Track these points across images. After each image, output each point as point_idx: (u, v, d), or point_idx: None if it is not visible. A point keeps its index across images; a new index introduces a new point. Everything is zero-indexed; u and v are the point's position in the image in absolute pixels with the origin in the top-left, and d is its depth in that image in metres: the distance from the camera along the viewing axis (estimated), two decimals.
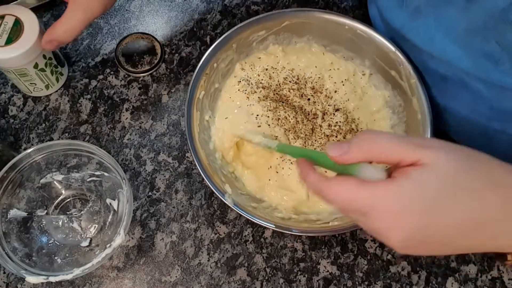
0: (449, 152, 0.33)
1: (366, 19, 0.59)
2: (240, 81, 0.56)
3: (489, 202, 0.32)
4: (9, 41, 0.51)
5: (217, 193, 0.48)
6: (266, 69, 0.58)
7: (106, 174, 0.53)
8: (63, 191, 0.55)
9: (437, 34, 0.47)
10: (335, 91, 0.57)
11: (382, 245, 0.55)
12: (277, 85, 0.57)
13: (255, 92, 0.56)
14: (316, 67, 0.58)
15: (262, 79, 0.57)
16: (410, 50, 0.52)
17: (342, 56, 0.58)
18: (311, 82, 0.57)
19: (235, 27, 0.54)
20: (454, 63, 0.47)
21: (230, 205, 0.48)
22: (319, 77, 0.58)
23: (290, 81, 0.57)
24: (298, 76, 0.58)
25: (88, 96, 0.61)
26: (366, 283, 0.53)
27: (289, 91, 0.56)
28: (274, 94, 0.56)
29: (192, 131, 0.51)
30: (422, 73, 0.52)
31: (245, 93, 0.56)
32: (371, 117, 0.57)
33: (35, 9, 0.64)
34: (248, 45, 0.56)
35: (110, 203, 0.54)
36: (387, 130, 0.56)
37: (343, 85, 0.57)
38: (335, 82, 0.57)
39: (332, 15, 0.55)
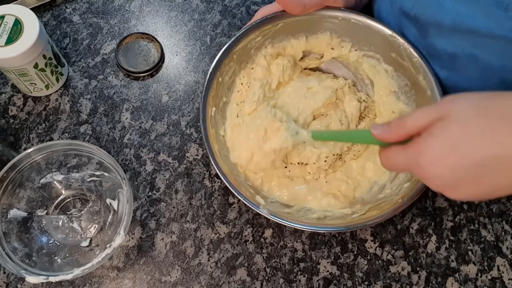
0: (463, 101, 0.37)
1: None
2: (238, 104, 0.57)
3: (507, 137, 0.35)
4: (9, 41, 0.51)
5: (251, 206, 0.47)
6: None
7: (106, 174, 0.53)
8: (63, 191, 0.55)
9: (446, 0, 0.49)
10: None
11: (382, 245, 0.55)
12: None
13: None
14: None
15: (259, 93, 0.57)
16: (420, 33, 0.53)
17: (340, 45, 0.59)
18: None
19: (234, 37, 0.54)
20: (467, 23, 0.47)
21: (267, 216, 0.47)
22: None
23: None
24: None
25: (88, 96, 0.61)
26: (366, 283, 0.53)
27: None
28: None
29: (213, 149, 0.50)
30: (431, 58, 0.53)
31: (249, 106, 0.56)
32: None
33: (35, 9, 0.64)
34: (247, 53, 0.56)
35: (110, 203, 0.54)
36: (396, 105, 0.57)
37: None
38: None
39: (325, 10, 0.55)
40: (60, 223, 0.53)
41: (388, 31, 0.54)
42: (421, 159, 0.38)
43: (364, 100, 0.58)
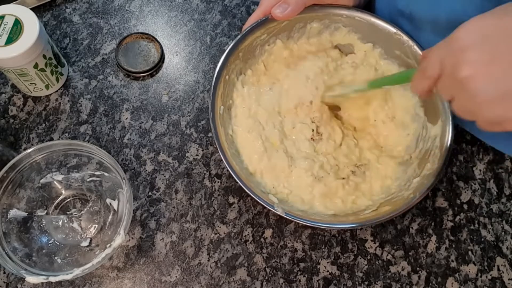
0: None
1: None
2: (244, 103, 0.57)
3: None
4: (9, 41, 0.51)
5: (265, 205, 0.47)
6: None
7: (106, 174, 0.53)
8: (63, 191, 0.55)
9: None
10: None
11: (382, 245, 0.55)
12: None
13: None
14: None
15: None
16: (415, 32, 0.54)
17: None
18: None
19: (240, 35, 0.54)
20: (461, 19, 0.47)
21: (282, 214, 0.47)
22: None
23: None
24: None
25: (88, 96, 0.61)
26: (366, 283, 0.53)
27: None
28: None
29: (224, 148, 0.50)
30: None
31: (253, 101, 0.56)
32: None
33: (35, 9, 0.64)
34: (252, 50, 0.56)
35: (110, 203, 0.54)
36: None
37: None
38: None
39: (330, 8, 0.55)
40: (60, 223, 0.53)
41: (393, 29, 0.54)
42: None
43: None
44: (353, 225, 0.49)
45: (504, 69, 0.34)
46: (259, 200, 0.47)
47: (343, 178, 0.53)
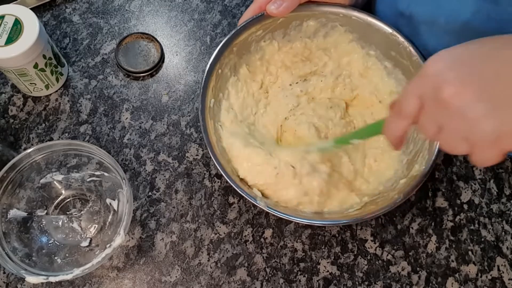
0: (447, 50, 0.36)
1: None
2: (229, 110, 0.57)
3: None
4: (9, 41, 0.51)
5: (248, 198, 0.47)
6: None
7: (106, 174, 0.53)
8: (63, 191, 0.55)
9: None
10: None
11: (382, 245, 0.55)
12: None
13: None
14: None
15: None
16: (413, 34, 0.53)
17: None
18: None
19: (235, 30, 0.54)
20: (460, 19, 0.48)
21: (264, 208, 0.47)
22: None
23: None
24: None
25: (88, 96, 0.61)
26: (366, 283, 0.53)
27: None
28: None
29: (211, 140, 0.50)
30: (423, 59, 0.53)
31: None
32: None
33: (35, 9, 0.64)
34: (247, 46, 0.56)
35: (110, 203, 0.54)
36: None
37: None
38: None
39: (327, 7, 0.55)
40: (60, 223, 0.53)
41: (389, 29, 0.54)
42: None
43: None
44: (337, 222, 0.50)
45: (483, 83, 0.33)
46: (241, 193, 0.47)
47: (330, 175, 0.54)
